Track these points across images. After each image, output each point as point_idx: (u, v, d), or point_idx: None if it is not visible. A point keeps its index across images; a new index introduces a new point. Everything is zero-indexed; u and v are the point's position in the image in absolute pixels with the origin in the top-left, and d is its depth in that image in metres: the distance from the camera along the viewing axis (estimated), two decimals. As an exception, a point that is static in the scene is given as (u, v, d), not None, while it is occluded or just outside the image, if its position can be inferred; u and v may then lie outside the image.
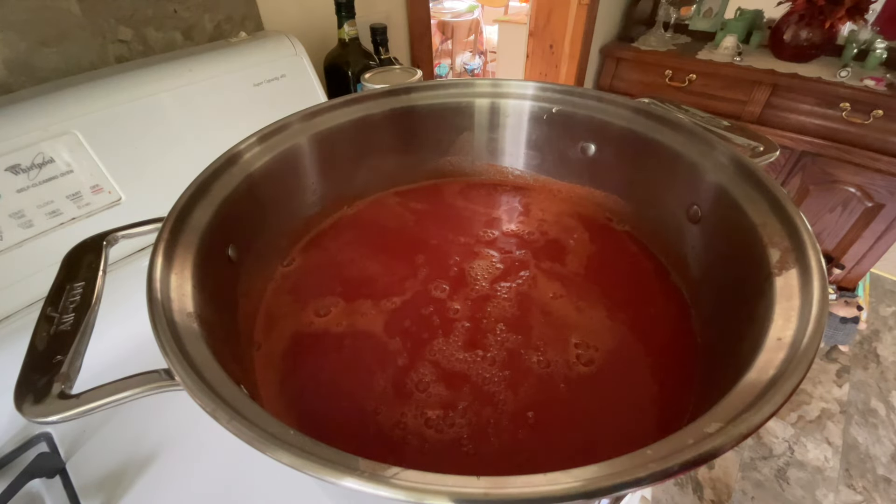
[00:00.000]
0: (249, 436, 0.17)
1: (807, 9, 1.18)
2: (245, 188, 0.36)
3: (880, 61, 1.20)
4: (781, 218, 0.29)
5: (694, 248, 0.38)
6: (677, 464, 0.16)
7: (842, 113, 1.19)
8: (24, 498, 0.34)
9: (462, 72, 3.03)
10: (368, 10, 0.78)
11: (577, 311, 0.38)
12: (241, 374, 0.29)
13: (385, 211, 0.49)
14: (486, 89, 0.47)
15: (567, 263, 0.43)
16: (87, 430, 0.38)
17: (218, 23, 0.59)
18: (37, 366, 0.22)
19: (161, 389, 0.21)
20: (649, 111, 0.41)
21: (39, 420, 0.20)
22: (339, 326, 0.37)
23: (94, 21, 0.49)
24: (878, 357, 1.42)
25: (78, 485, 0.35)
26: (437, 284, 0.40)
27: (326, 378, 0.33)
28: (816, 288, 0.24)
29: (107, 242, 0.30)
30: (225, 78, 0.53)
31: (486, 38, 3.07)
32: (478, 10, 2.97)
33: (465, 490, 0.15)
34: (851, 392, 1.32)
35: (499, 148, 0.51)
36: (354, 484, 0.16)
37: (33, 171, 0.42)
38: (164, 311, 0.24)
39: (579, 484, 0.16)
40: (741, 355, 0.24)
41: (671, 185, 0.40)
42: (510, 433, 0.30)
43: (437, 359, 0.34)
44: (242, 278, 0.36)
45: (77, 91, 0.44)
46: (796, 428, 1.23)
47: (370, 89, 0.46)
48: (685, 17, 1.52)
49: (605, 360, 0.34)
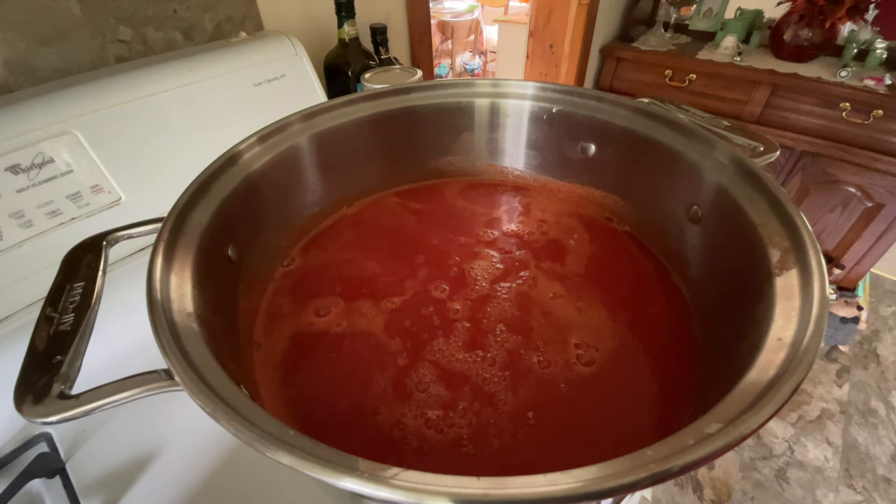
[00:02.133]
0: (249, 436, 0.17)
1: (807, 9, 1.18)
2: (245, 188, 0.36)
3: (880, 61, 1.20)
4: (781, 218, 0.29)
5: (694, 248, 0.38)
6: (678, 464, 0.16)
7: (842, 113, 1.18)
8: (24, 498, 0.34)
9: (462, 72, 3.03)
10: (368, 10, 0.78)
11: (577, 311, 0.38)
12: (241, 375, 0.29)
13: (385, 211, 0.49)
14: (486, 89, 0.47)
15: (567, 263, 0.43)
16: (87, 430, 0.38)
17: (218, 23, 0.59)
18: (37, 366, 0.22)
19: (161, 390, 0.21)
20: (649, 111, 0.41)
21: (39, 420, 0.20)
22: (339, 326, 0.37)
23: (94, 21, 0.49)
24: (878, 357, 1.42)
25: (78, 485, 0.35)
26: (437, 284, 0.40)
27: (326, 378, 0.33)
28: (817, 288, 0.24)
29: (107, 242, 0.30)
30: (225, 78, 0.53)
31: (486, 38, 3.07)
32: (478, 10, 2.97)
33: (465, 490, 0.15)
34: (851, 392, 1.32)
35: (499, 148, 0.51)
36: (354, 484, 0.16)
37: (33, 171, 0.42)
38: (164, 311, 0.24)
39: (579, 485, 0.16)
40: (741, 355, 0.24)
41: (671, 185, 0.40)
42: (510, 433, 0.30)
43: (437, 359, 0.34)
44: (242, 278, 0.36)
45: (77, 91, 0.44)
46: (796, 428, 1.23)
47: (370, 89, 0.46)
48: (685, 17, 1.52)
49: (606, 361, 0.34)
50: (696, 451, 0.17)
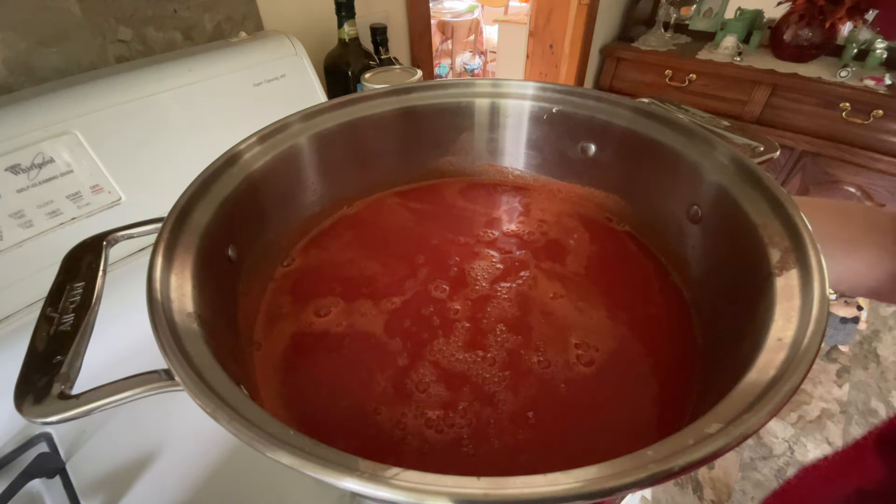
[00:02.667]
0: (249, 436, 0.17)
1: (807, 9, 1.18)
2: (245, 188, 0.36)
3: (880, 61, 1.20)
4: (781, 218, 0.29)
5: (694, 248, 0.38)
6: (678, 464, 0.16)
7: (842, 113, 1.19)
8: (24, 498, 0.34)
9: (462, 72, 3.03)
10: (368, 10, 0.78)
11: (577, 311, 0.38)
12: (241, 375, 0.29)
13: (385, 211, 0.49)
14: (486, 89, 0.47)
15: (567, 263, 0.43)
16: (87, 430, 0.38)
17: (218, 23, 0.59)
18: (37, 366, 0.22)
19: (161, 390, 0.21)
20: (649, 111, 0.41)
21: (39, 420, 0.20)
22: (338, 326, 0.37)
23: (94, 21, 0.49)
24: (878, 357, 1.42)
25: (78, 485, 0.35)
26: (437, 284, 0.40)
27: (326, 378, 0.33)
28: (817, 288, 0.24)
29: (107, 242, 0.30)
30: (225, 78, 0.53)
31: (486, 38, 3.07)
32: (478, 10, 2.97)
33: (465, 490, 0.15)
34: (851, 392, 1.32)
35: (499, 148, 0.51)
36: (354, 484, 0.16)
37: (33, 171, 0.42)
38: (164, 311, 0.24)
39: (579, 485, 0.16)
40: (741, 355, 0.24)
41: (671, 185, 0.40)
42: (510, 433, 0.30)
43: (437, 359, 0.34)
44: (242, 278, 0.36)
45: (77, 91, 0.44)
46: (796, 428, 1.23)
47: (370, 89, 0.46)
48: (685, 17, 1.52)
49: (606, 361, 0.34)
50: (696, 451, 0.17)
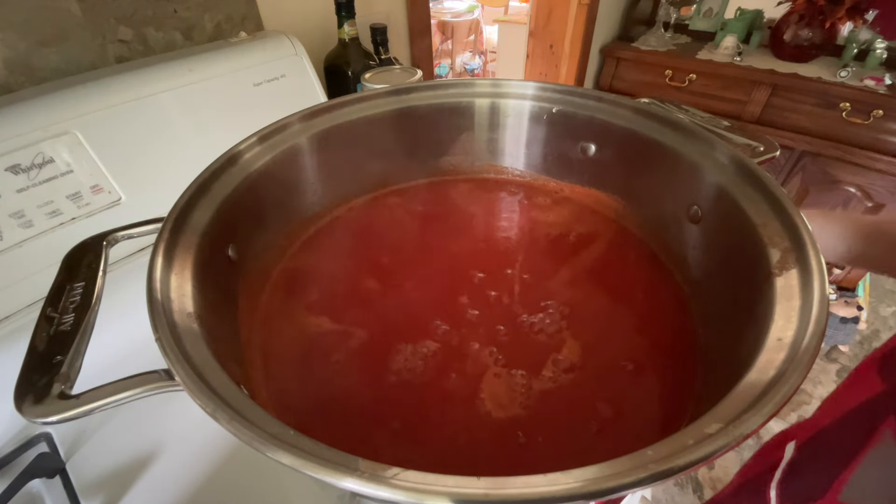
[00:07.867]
0: (249, 436, 0.17)
1: (807, 9, 1.18)
2: (245, 188, 0.36)
3: (880, 61, 1.20)
4: (781, 218, 0.29)
5: (694, 248, 0.38)
6: (678, 464, 0.16)
7: (842, 113, 1.18)
8: (24, 498, 0.34)
9: (462, 72, 3.03)
10: (368, 10, 0.78)
11: (577, 311, 0.38)
12: (241, 375, 0.29)
13: (385, 211, 0.49)
14: (486, 89, 0.47)
15: (567, 264, 0.43)
16: (87, 430, 0.38)
17: (218, 23, 0.59)
18: (37, 366, 0.22)
19: (161, 390, 0.21)
20: (649, 111, 0.41)
21: (39, 420, 0.20)
22: (338, 326, 0.37)
23: (94, 21, 0.49)
24: (878, 357, 1.41)
25: (78, 485, 0.35)
26: (436, 284, 0.40)
27: (326, 378, 0.33)
28: (817, 288, 0.24)
29: (107, 243, 0.30)
30: (225, 78, 0.53)
31: (486, 38, 3.07)
32: (478, 10, 2.97)
33: (465, 490, 0.15)
34: (851, 392, 1.31)
35: (499, 148, 0.51)
36: (354, 484, 0.16)
37: (33, 171, 0.42)
38: (164, 311, 0.24)
39: (579, 484, 0.16)
40: (742, 355, 0.24)
41: (671, 185, 0.40)
42: (510, 434, 0.30)
43: (437, 358, 0.34)
44: (242, 278, 0.36)
45: (77, 91, 0.44)
46: (796, 428, 1.23)
47: (370, 89, 0.46)
48: (685, 17, 1.52)
49: (606, 361, 0.34)
50: (696, 451, 0.17)
